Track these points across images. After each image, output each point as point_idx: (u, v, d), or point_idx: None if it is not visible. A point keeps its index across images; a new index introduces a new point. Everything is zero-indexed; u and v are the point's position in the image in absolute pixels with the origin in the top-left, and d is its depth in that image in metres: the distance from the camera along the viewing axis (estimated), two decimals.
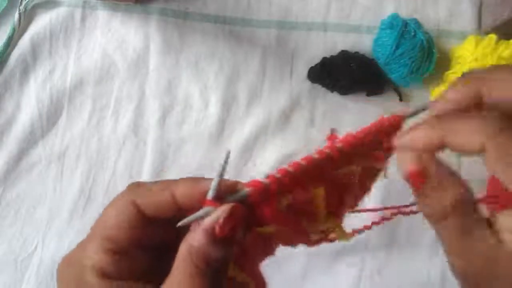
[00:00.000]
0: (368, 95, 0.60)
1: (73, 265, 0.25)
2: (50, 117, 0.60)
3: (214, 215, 0.24)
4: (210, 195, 0.24)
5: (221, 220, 0.23)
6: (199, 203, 0.25)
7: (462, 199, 0.23)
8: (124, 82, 0.61)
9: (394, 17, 0.58)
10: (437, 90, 0.57)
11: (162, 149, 0.59)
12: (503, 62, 0.54)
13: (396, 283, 0.56)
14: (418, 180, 0.23)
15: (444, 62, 0.59)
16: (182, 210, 0.26)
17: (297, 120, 0.60)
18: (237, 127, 0.60)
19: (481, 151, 0.23)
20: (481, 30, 0.61)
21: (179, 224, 0.24)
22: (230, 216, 0.24)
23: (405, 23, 0.57)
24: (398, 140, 0.26)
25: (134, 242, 0.25)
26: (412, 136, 0.25)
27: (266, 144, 0.59)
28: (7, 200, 0.58)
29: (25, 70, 0.61)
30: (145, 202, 0.26)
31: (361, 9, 0.62)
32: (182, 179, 0.26)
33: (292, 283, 0.55)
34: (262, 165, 0.59)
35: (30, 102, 0.60)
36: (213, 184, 0.25)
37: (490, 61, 0.54)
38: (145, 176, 0.58)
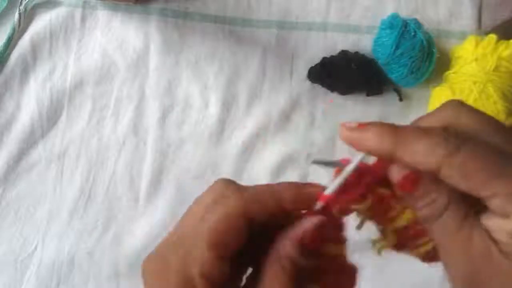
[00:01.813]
0: (368, 95, 0.60)
1: (176, 264, 0.25)
2: (50, 117, 0.60)
3: (308, 225, 0.24)
4: (318, 206, 0.25)
5: (309, 232, 0.24)
6: (305, 209, 0.25)
7: (453, 196, 0.23)
8: (124, 82, 0.61)
9: (394, 17, 0.58)
10: (437, 90, 0.57)
11: (162, 149, 0.59)
12: (503, 62, 0.54)
13: (397, 283, 0.56)
14: (412, 183, 0.23)
15: (444, 62, 0.59)
16: (287, 217, 0.26)
17: (297, 120, 0.60)
18: (237, 127, 0.60)
19: (437, 171, 0.22)
20: (481, 30, 0.61)
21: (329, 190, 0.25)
22: (319, 228, 0.24)
23: (405, 23, 0.57)
24: (346, 133, 0.25)
25: (239, 249, 0.25)
26: (361, 136, 0.24)
27: (266, 144, 0.59)
28: (7, 200, 0.58)
29: (25, 70, 0.61)
30: (256, 211, 0.25)
31: (361, 9, 0.62)
32: (285, 184, 0.26)
33: None
34: (262, 165, 0.59)
35: (30, 102, 0.60)
36: (336, 182, 0.25)
37: (490, 61, 0.54)
38: (145, 176, 0.58)
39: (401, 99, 0.60)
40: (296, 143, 0.59)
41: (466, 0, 0.62)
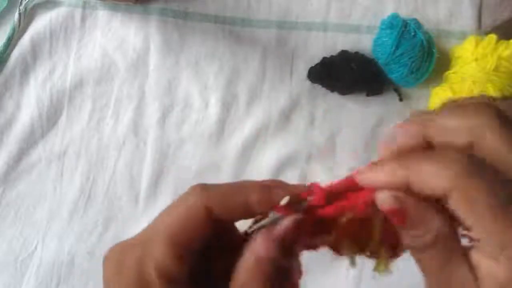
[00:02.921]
0: (368, 95, 0.60)
1: (132, 260, 0.24)
2: (50, 117, 0.60)
3: (285, 224, 0.24)
4: (283, 202, 0.24)
5: (289, 230, 0.23)
6: (270, 209, 0.25)
7: (442, 232, 0.22)
8: (124, 82, 0.61)
9: (394, 17, 0.58)
10: (437, 90, 0.57)
11: (162, 149, 0.59)
12: (503, 62, 0.54)
13: (397, 284, 0.56)
14: (399, 218, 0.23)
15: (444, 62, 0.59)
16: (253, 215, 0.25)
17: (297, 120, 0.60)
18: (237, 127, 0.60)
19: (444, 197, 0.21)
20: (481, 30, 0.61)
21: (249, 230, 0.24)
22: (297, 226, 0.24)
23: (405, 23, 0.57)
24: (360, 177, 0.24)
25: (199, 246, 0.24)
26: (373, 175, 0.24)
27: (266, 144, 0.59)
28: (7, 200, 0.58)
29: (25, 70, 0.61)
30: (219, 208, 0.24)
31: (361, 9, 0.62)
32: (251, 183, 0.26)
33: None
34: (262, 165, 0.59)
35: (30, 102, 0.60)
36: (289, 194, 0.25)
37: (490, 61, 0.54)
38: (145, 176, 0.58)
39: (401, 99, 0.60)
40: (296, 143, 0.59)
41: (466, 0, 0.62)
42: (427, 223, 0.22)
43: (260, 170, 0.59)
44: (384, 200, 0.23)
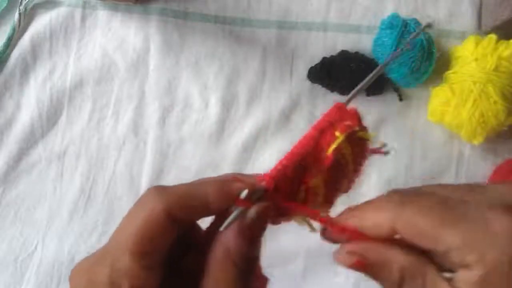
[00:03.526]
0: (368, 95, 0.60)
1: (102, 276, 0.24)
2: (50, 117, 0.60)
3: (251, 216, 0.24)
4: (243, 195, 0.25)
5: (256, 221, 0.24)
6: (230, 204, 0.25)
7: (409, 265, 0.23)
8: (124, 82, 0.61)
9: (394, 17, 0.58)
10: (437, 90, 0.57)
11: (162, 149, 0.59)
12: (503, 62, 0.54)
13: None
14: (362, 268, 0.24)
15: (444, 62, 0.59)
16: (212, 213, 0.25)
17: (297, 120, 0.60)
18: (237, 127, 0.60)
19: (393, 232, 0.23)
20: (481, 30, 0.61)
21: (222, 228, 0.24)
22: (264, 215, 0.24)
23: (405, 23, 0.57)
24: (339, 252, 0.25)
25: (165, 249, 0.24)
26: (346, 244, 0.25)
27: (266, 144, 0.59)
28: (7, 200, 0.58)
29: (25, 70, 0.61)
30: (178, 209, 0.24)
31: (361, 9, 0.62)
32: (208, 180, 0.26)
33: (292, 283, 0.55)
34: (262, 165, 0.59)
35: (30, 102, 0.60)
36: (246, 186, 0.25)
37: (490, 61, 0.54)
38: (145, 176, 0.58)
39: (401, 99, 0.60)
40: None
41: (466, 0, 0.62)
42: (389, 262, 0.23)
43: (260, 170, 0.58)
44: (341, 258, 0.25)
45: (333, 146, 0.26)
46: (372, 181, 0.58)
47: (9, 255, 0.57)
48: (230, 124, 0.60)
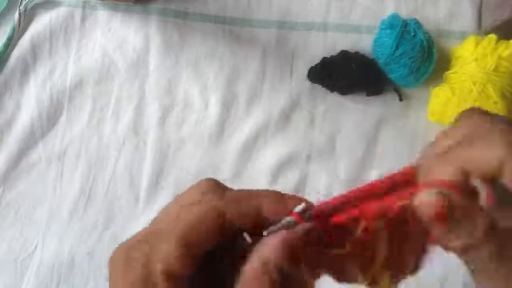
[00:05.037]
0: (368, 95, 0.60)
1: (139, 254, 0.24)
2: (50, 117, 0.60)
3: (298, 231, 0.24)
4: (298, 209, 0.24)
5: (300, 236, 0.23)
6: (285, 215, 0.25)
7: (492, 226, 0.22)
8: (124, 82, 0.61)
9: (394, 17, 0.58)
10: (437, 90, 0.57)
11: (162, 149, 0.59)
12: (503, 62, 0.54)
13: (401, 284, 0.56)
14: (443, 217, 0.22)
15: (444, 62, 0.59)
16: (263, 225, 0.25)
17: (297, 120, 0.60)
18: (237, 127, 0.60)
19: (499, 170, 0.21)
20: (481, 30, 0.61)
21: (266, 232, 0.24)
22: (307, 234, 0.23)
23: (405, 23, 0.57)
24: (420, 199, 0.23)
25: (204, 253, 0.24)
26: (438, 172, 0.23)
27: (266, 144, 0.59)
28: (7, 200, 0.58)
29: (25, 70, 0.61)
30: (233, 214, 0.24)
31: (361, 9, 0.62)
32: (266, 192, 0.26)
33: None
34: (262, 166, 0.59)
35: (30, 102, 0.60)
36: (304, 204, 0.24)
37: (490, 61, 0.54)
38: (145, 176, 0.58)
39: (401, 99, 0.60)
40: (296, 143, 0.59)
41: (466, 0, 0.62)
42: (474, 217, 0.22)
43: (260, 170, 0.59)
44: (428, 199, 0.22)
45: (404, 201, 0.23)
46: None
47: (9, 255, 0.57)
48: (230, 124, 0.60)
